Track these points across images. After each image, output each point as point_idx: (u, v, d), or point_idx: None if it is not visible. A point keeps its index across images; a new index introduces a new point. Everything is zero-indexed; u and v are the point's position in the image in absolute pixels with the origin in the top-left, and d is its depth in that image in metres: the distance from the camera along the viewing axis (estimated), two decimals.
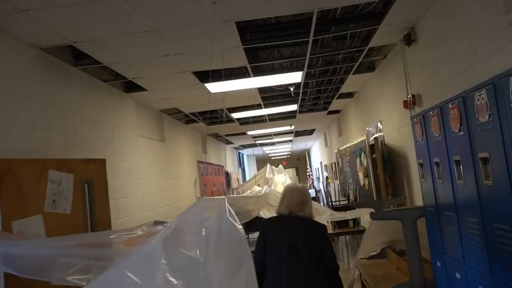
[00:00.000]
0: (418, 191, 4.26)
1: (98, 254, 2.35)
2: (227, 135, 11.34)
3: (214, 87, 5.35)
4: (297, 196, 2.80)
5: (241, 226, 2.19)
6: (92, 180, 3.34)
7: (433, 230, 2.87)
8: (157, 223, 2.41)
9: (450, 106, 2.34)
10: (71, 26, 3.05)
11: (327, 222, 6.77)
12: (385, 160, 5.09)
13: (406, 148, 4.56)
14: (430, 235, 2.97)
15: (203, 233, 2.17)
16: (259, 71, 5.08)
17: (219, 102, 6.43)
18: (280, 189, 6.07)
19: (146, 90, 5.17)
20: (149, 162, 5.97)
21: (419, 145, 3.00)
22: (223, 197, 2.38)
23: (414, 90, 4.12)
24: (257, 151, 17.74)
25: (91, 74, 4.32)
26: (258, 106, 7.22)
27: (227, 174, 13.24)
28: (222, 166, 12.45)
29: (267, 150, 18.67)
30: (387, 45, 4.69)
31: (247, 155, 20.85)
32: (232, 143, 13.77)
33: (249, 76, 4.98)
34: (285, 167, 14.30)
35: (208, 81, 5.02)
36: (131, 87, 5.12)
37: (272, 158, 22.75)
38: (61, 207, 3.04)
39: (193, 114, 7.46)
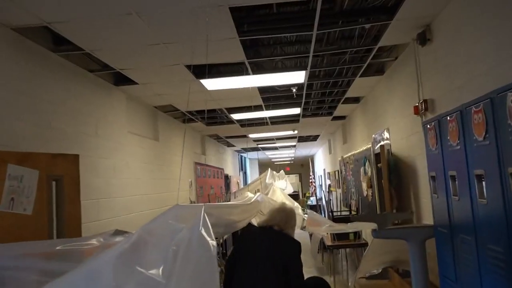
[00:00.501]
0: (426, 206, 3.86)
1: (48, 267, 1.98)
2: (227, 137, 10.98)
3: (211, 83, 4.99)
4: (281, 215, 2.89)
5: (214, 243, 1.82)
6: (61, 178, 2.98)
7: (445, 255, 2.47)
8: (117, 232, 2.05)
9: (473, 109, 1.95)
10: (43, 2, 2.69)
11: (327, 233, 6.37)
12: (391, 170, 4.72)
13: (414, 158, 4.17)
14: (440, 260, 2.57)
15: (173, 247, 1.80)
16: (260, 69, 4.72)
17: (217, 101, 6.07)
18: (277, 196, 5.66)
19: (137, 83, 4.82)
20: (139, 161, 5.61)
21: (432, 155, 2.61)
22: (201, 204, 2.01)
23: (426, 95, 3.73)
24: (260, 155, 17.36)
25: (75, 63, 3.98)
26: (259, 108, 6.84)
27: (227, 177, 12.87)
28: (222, 169, 12.07)
29: (270, 154, 18.30)
30: (399, 46, 4.31)
31: (250, 159, 20.47)
32: (233, 145, 13.39)
33: (248, 74, 4.61)
34: (288, 173, 13.88)
35: (203, 77, 4.67)
36: (121, 79, 4.77)
37: (275, 163, 22.34)
38: (21, 207, 2.69)
39: (190, 112, 7.11)
